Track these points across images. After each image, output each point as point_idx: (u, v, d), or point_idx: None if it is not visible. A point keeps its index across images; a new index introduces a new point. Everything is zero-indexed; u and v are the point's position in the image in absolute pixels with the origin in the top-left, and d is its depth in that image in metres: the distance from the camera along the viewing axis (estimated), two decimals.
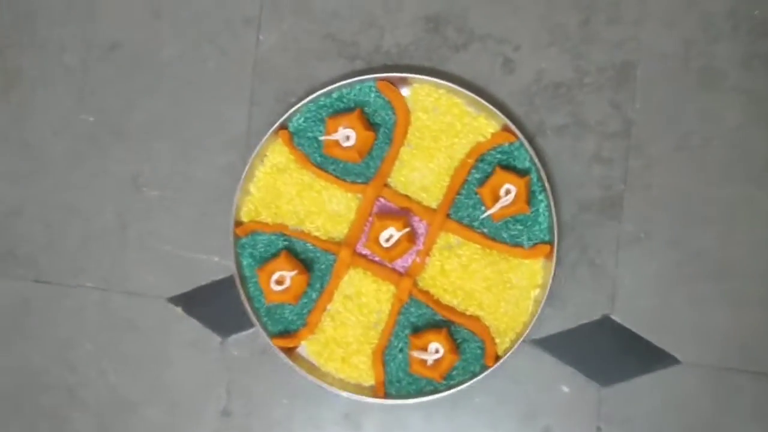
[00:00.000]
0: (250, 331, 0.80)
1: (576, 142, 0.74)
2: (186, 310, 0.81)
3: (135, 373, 0.81)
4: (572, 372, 0.74)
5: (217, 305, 0.81)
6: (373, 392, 0.76)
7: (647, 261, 0.73)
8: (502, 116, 0.73)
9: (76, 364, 0.81)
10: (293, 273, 0.75)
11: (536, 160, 0.72)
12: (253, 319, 0.77)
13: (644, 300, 0.73)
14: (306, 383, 0.77)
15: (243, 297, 0.77)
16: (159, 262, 0.81)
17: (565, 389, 0.74)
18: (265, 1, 0.80)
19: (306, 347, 0.78)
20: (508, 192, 0.72)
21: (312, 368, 0.77)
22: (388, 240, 0.74)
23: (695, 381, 0.73)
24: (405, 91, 0.76)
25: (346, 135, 0.75)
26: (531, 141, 0.74)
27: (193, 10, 0.81)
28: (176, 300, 0.81)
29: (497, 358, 0.74)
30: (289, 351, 0.77)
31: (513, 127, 0.73)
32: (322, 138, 0.75)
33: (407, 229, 0.73)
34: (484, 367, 0.73)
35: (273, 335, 0.77)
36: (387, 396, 0.75)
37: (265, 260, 0.77)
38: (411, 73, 0.75)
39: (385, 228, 0.73)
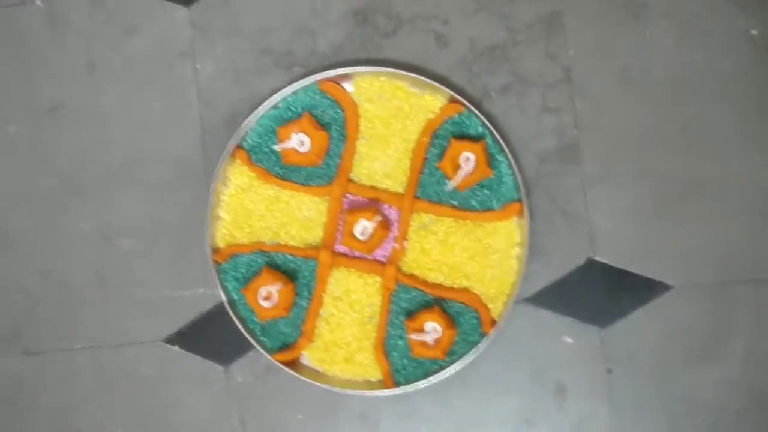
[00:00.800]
0: (250, 353, 0.79)
1: (522, 98, 0.76)
2: (183, 347, 0.81)
3: (143, 423, 0.80)
4: (570, 321, 0.75)
5: (213, 335, 0.80)
6: (382, 385, 0.76)
7: (617, 196, 0.74)
8: (446, 89, 0.74)
9: (81, 429, 0.80)
10: (278, 286, 0.75)
11: (488, 124, 0.74)
12: (251, 339, 0.77)
13: (623, 235, 0.74)
14: (316, 392, 0.77)
15: (236, 320, 0.77)
16: (145, 307, 0.81)
17: (568, 339, 0.75)
18: (195, 32, 0.81)
19: (308, 356, 0.78)
20: (467, 160, 0.73)
21: (318, 375, 0.77)
22: (363, 233, 0.74)
23: (691, 303, 0.74)
24: (348, 87, 0.77)
25: (300, 140, 0.75)
26: (479, 107, 0.75)
27: (125, 55, 0.81)
28: (172, 339, 0.81)
29: (494, 323, 0.74)
30: (292, 364, 0.77)
31: (458, 98, 0.74)
32: (277, 148, 0.75)
33: (378, 218, 0.74)
34: (484, 335, 0.74)
35: (273, 351, 0.77)
36: (396, 385, 0.75)
37: (248, 280, 0.77)
38: (349, 67, 0.76)
39: (357, 221, 0.74)
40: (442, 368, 0.74)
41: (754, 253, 0.74)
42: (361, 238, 0.74)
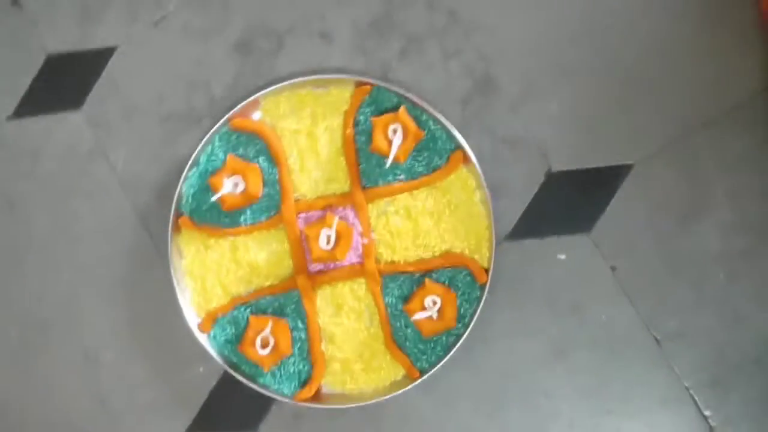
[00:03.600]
0: (273, 407, 0.77)
1: (421, 56, 0.76)
2: (205, 430, 0.77)
3: None
4: (556, 239, 0.74)
5: (230, 407, 0.78)
6: (410, 379, 0.74)
7: (548, 104, 0.74)
8: (347, 77, 0.75)
9: None
10: (269, 327, 0.73)
11: (397, 90, 0.73)
12: (267, 393, 0.74)
13: (568, 137, 0.74)
14: (352, 415, 0.74)
15: (245, 381, 0.74)
16: (155, 409, 0.78)
17: (562, 256, 0.74)
18: (95, 128, 0.80)
19: (328, 383, 0.75)
20: (395, 131, 0.73)
21: (346, 397, 0.75)
22: (328, 242, 0.73)
23: (657, 171, 0.72)
24: (257, 115, 0.77)
25: (234, 182, 0.74)
26: (385, 80, 0.75)
27: (38, 180, 0.80)
28: (192, 429, 0.78)
29: (486, 271, 0.73)
30: (316, 398, 0.74)
31: (362, 79, 0.74)
32: (214, 199, 0.74)
33: (336, 219, 0.72)
34: (483, 287, 0.72)
35: (292, 395, 0.74)
36: (422, 374, 0.73)
37: (240, 337, 0.75)
38: (249, 97, 0.76)
39: (318, 234, 0.73)
40: (459, 336, 0.73)
41: (689, 102, 0.72)
42: (328, 248, 0.73)
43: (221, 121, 0.76)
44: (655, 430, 0.71)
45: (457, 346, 0.72)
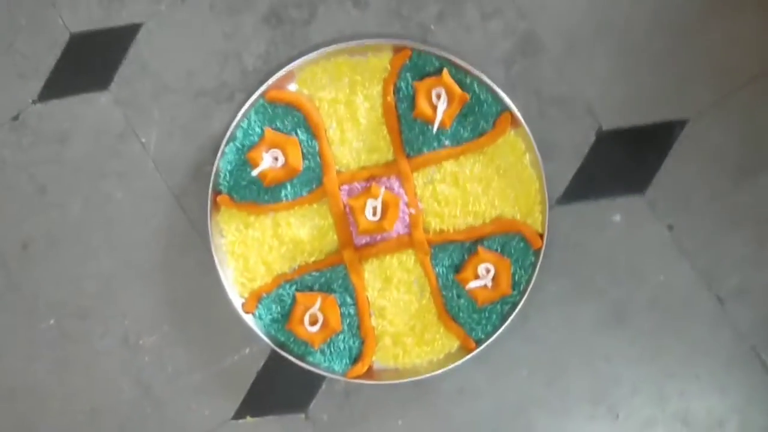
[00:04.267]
0: (323, 386, 0.75)
1: (460, 18, 0.73)
2: (255, 414, 0.76)
3: None
4: (609, 200, 0.72)
5: (278, 388, 0.76)
6: (464, 351, 0.72)
7: (593, 61, 0.72)
8: (386, 41, 0.72)
9: None
10: (318, 304, 0.71)
11: (442, 54, 0.71)
12: (318, 371, 0.72)
13: (617, 94, 0.71)
14: (406, 390, 0.73)
15: (295, 360, 0.72)
16: (200, 393, 0.76)
17: (617, 218, 0.71)
18: (125, 109, 0.77)
19: (379, 360, 0.73)
20: (439, 96, 0.70)
21: (399, 373, 0.73)
22: (374, 213, 0.70)
23: (711, 125, 0.71)
24: (293, 87, 0.74)
25: (273, 156, 0.72)
26: (425, 43, 0.72)
27: (69, 163, 0.78)
28: (241, 412, 0.76)
29: (541, 236, 0.70)
30: (368, 374, 0.73)
31: (401, 43, 0.72)
32: (254, 173, 0.72)
33: (383, 190, 0.70)
34: (538, 252, 0.70)
35: (344, 372, 0.72)
36: (478, 344, 0.71)
37: (287, 315, 0.73)
38: (283, 69, 0.73)
39: (363, 205, 0.70)
40: (514, 304, 0.70)
41: (741, 55, 0.70)
42: (374, 219, 0.71)
43: (257, 94, 0.73)
44: (720, 393, 0.69)
45: (513, 314, 0.70)
